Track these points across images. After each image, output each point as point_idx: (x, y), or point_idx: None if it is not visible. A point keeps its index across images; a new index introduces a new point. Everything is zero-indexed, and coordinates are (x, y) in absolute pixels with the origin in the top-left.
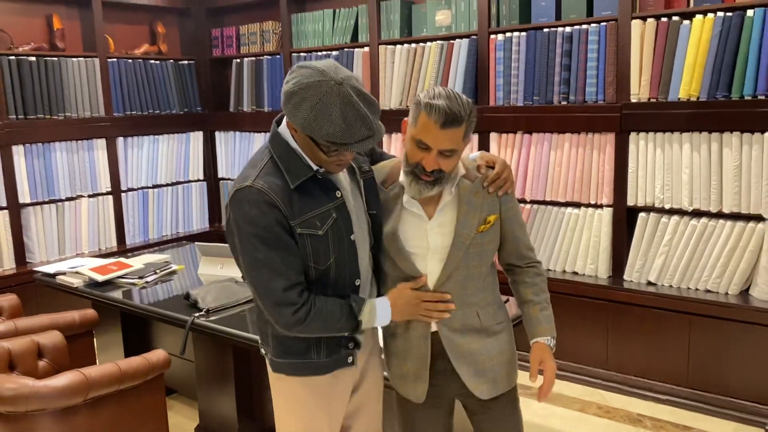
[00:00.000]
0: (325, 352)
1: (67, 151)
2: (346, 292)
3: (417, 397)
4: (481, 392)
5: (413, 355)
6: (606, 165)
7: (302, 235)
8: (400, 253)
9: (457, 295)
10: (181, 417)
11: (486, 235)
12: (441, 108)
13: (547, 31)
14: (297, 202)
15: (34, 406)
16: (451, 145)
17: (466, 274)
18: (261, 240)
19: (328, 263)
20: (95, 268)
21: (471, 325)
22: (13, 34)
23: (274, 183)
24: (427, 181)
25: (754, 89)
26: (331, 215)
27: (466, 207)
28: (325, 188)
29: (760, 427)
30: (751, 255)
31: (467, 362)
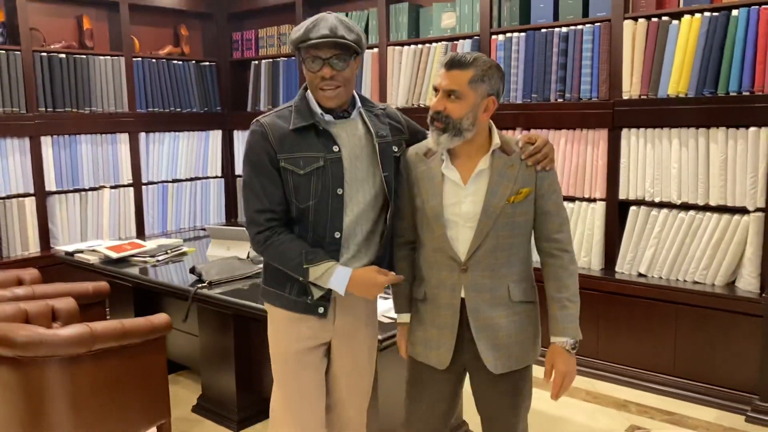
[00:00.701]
0: (295, 291)
1: (92, 144)
2: (326, 241)
3: (440, 362)
4: (494, 366)
5: (440, 322)
6: (599, 160)
7: (285, 170)
8: (438, 219)
9: (488, 265)
10: (186, 390)
11: (517, 207)
12: (451, 54)
13: (545, 31)
14: (290, 142)
15: (44, 352)
16: (453, 85)
17: (495, 243)
18: (251, 165)
19: (307, 204)
20: (111, 247)
21: (500, 297)
22: (46, 33)
23: (277, 123)
24: (437, 128)
25: (739, 86)
26: (318, 162)
27: (498, 177)
28: (324, 140)
29: (741, 414)
30: (737, 247)
31: (487, 335)
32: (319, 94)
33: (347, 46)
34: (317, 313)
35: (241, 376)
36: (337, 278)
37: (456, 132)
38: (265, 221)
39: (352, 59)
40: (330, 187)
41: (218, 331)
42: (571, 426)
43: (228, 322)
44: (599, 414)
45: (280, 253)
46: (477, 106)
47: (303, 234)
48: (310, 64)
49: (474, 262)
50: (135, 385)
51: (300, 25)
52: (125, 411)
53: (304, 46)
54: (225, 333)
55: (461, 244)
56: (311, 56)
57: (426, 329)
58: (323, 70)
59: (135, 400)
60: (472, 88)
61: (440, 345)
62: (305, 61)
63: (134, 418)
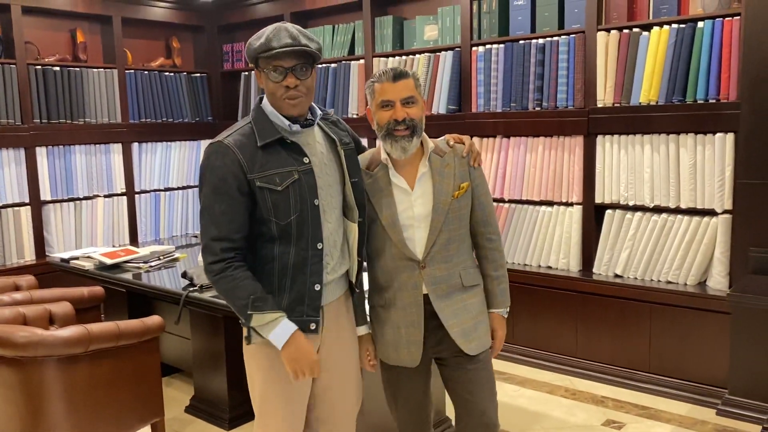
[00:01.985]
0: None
1: (85, 154)
2: (309, 254)
3: (413, 361)
4: (470, 348)
5: (407, 322)
6: (576, 166)
7: (262, 189)
8: (394, 225)
9: (443, 257)
10: (179, 392)
11: (461, 200)
12: (388, 69)
13: (523, 43)
14: (260, 159)
15: (42, 352)
16: (408, 92)
17: (448, 236)
18: (213, 188)
19: (288, 220)
20: (105, 254)
21: (455, 285)
22: (40, 46)
23: (242, 141)
24: (403, 135)
25: (706, 94)
26: (293, 175)
27: (439, 177)
28: (293, 153)
29: (712, 407)
30: (707, 247)
31: (455, 322)
32: (285, 103)
33: (309, 54)
34: (309, 330)
35: (232, 377)
36: (281, 331)
37: (420, 132)
38: (220, 251)
39: (312, 68)
40: (307, 200)
41: (210, 333)
42: (549, 421)
43: (219, 325)
44: (577, 409)
45: (229, 289)
46: (423, 109)
47: (286, 251)
48: (273, 75)
49: (430, 258)
50: (130, 384)
51: (258, 35)
52: (121, 409)
53: (265, 56)
54: (216, 335)
55: (417, 244)
56: (273, 66)
57: (394, 331)
58: (287, 79)
59: (130, 399)
60: (418, 92)
61: (410, 344)
62: (266, 72)
63: (129, 415)
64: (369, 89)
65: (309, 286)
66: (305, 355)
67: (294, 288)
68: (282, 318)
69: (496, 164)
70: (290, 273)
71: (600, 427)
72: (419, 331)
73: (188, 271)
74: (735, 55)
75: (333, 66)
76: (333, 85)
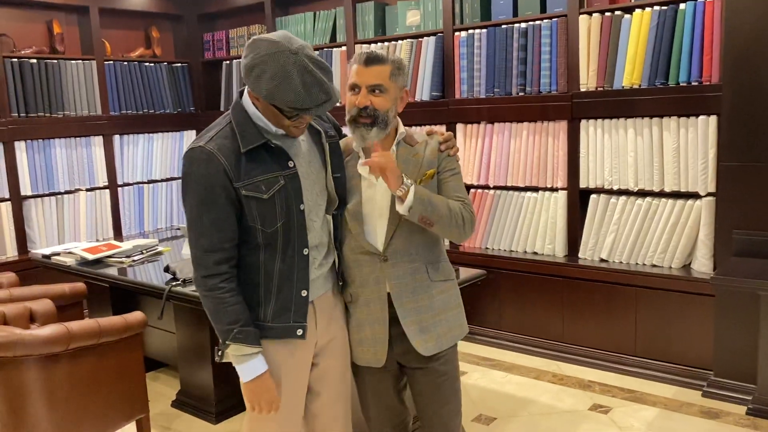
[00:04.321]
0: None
1: (66, 147)
2: (295, 261)
3: (378, 360)
4: (426, 349)
5: (371, 319)
6: (560, 151)
7: (248, 198)
8: (356, 216)
9: (406, 250)
10: (166, 386)
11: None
12: (364, 52)
13: (505, 27)
14: (245, 166)
15: (21, 351)
16: (377, 80)
17: (409, 228)
18: (199, 198)
19: (275, 227)
20: (87, 249)
21: (420, 279)
22: (16, 38)
23: (226, 146)
24: (364, 123)
25: (688, 76)
26: (279, 182)
27: (404, 165)
28: (277, 157)
29: (698, 389)
30: (691, 230)
31: (413, 319)
32: (291, 130)
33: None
34: (295, 335)
35: (218, 370)
36: (251, 368)
37: (383, 125)
38: (213, 264)
39: None
40: (293, 205)
41: (194, 327)
42: (537, 406)
43: (203, 318)
44: (564, 394)
45: (216, 310)
46: (396, 99)
47: (272, 258)
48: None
49: (392, 250)
50: (113, 382)
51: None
52: (104, 407)
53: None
54: (201, 329)
55: (378, 236)
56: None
57: (360, 330)
58: (305, 119)
59: (113, 396)
60: (393, 81)
61: (375, 342)
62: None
63: (113, 413)
64: (349, 68)
65: (296, 293)
66: (267, 392)
67: (280, 296)
68: (257, 355)
69: (480, 150)
70: (276, 281)
71: (587, 411)
72: (383, 328)
73: (171, 265)
74: (717, 37)
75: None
76: None
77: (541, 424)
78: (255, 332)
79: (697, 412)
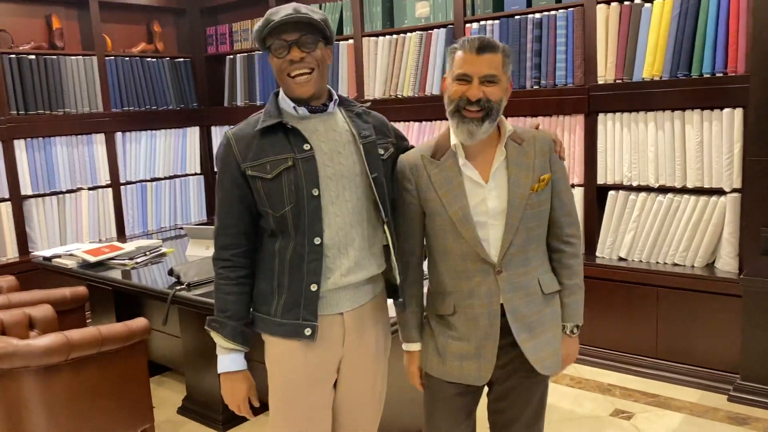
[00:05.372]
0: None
1: (67, 145)
2: (305, 250)
3: (481, 377)
4: (544, 367)
5: (480, 335)
6: (576, 146)
7: (254, 178)
8: (466, 221)
9: (521, 261)
10: (171, 391)
11: (541, 195)
12: (474, 38)
13: (519, 18)
14: (255, 147)
15: (19, 363)
16: (491, 69)
17: (526, 236)
18: (219, 180)
19: (283, 210)
20: (89, 251)
21: (533, 293)
22: (14, 34)
23: (243, 130)
24: (474, 117)
25: (713, 67)
26: (287, 162)
27: (517, 168)
28: (293, 139)
29: (724, 393)
30: (715, 228)
31: (528, 336)
32: (291, 82)
33: (313, 26)
34: (303, 335)
35: None
36: (223, 361)
37: (495, 117)
38: (219, 247)
39: (322, 43)
40: (304, 188)
41: (200, 331)
42: (557, 412)
43: None
44: (583, 399)
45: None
46: (506, 90)
47: (285, 246)
48: (277, 51)
49: (507, 261)
50: (115, 392)
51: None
52: (106, 418)
53: (267, 31)
54: (207, 333)
55: (492, 245)
56: (276, 43)
57: (461, 344)
58: (291, 53)
59: (116, 407)
60: (504, 71)
61: (480, 358)
62: (272, 51)
63: (116, 424)
64: (450, 55)
65: (306, 286)
66: (234, 393)
67: (291, 288)
68: (233, 352)
69: None
70: (287, 271)
71: (608, 417)
72: (493, 344)
73: (175, 268)
74: (743, 26)
75: None
76: None
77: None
78: (236, 328)
79: (723, 417)
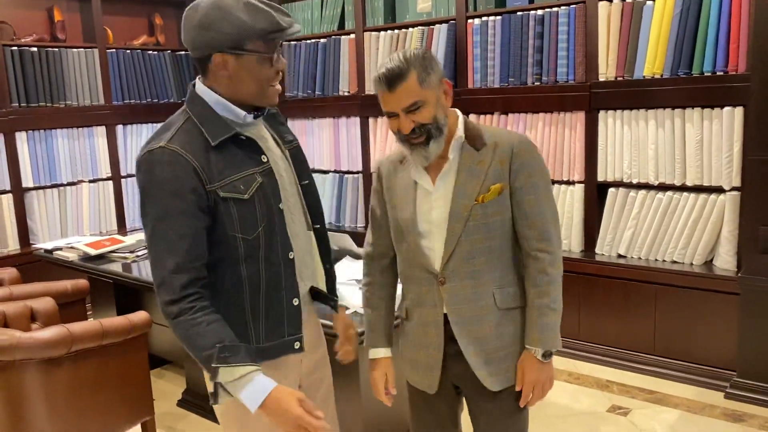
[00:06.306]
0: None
1: (68, 138)
2: (281, 269)
3: (430, 386)
4: (492, 383)
5: (425, 342)
6: (577, 143)
7: (226, 200)
8: (411, 230)
9: (467, 273)
10: (171, 384)
11: (488, 207)
12: (380, 75)
13: (521, 14)
14: (217, 165)
15: (21, 355)
16: (409, 99)
17: (469, 248)
18: (164, 209)
19: (256, 232)
20: (90, 244)
21: (485, 307)
22: (16, 26)
23: (191, 144)
24: (418, 143)
25: (713, 66)
26: (257, 179)
27: (466, 175)
28: (249, 151)
29: (720, 390)
30: (714, 226)
31: (476, 350)
32: (271, 91)
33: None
34: (293, 349)
35: None
36: (254, 390)
37: (438, 133)
38: (180, 287)
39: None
40: (273, 205)
41: None
42: (554, 408)
43: None
44: (581, 395)
45: (191, 336)
46: (439, 98)
47: (255, 270)
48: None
49: (450, 272)
50: (116, 384)
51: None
52: (107, 410)
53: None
54: None
55: (436, 254)
56: (272, 49)
57: (414, 350)
58: (281, 63)
59: (117, 399)
60: (425, 87)
61: (428, 367)
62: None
63: (117, 416)
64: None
65: (287, 303)
66: (289, 410)
67: (271, 311)
68: (256, 373)
69: None
70: (264, 295)
71: (605, 413)
72: (438, 353)
73: None
74: (744, 25)
75: (322, 41)
76: (323, 61)
77: (558, 427)
78: (245, 347)
79: (720, 414)
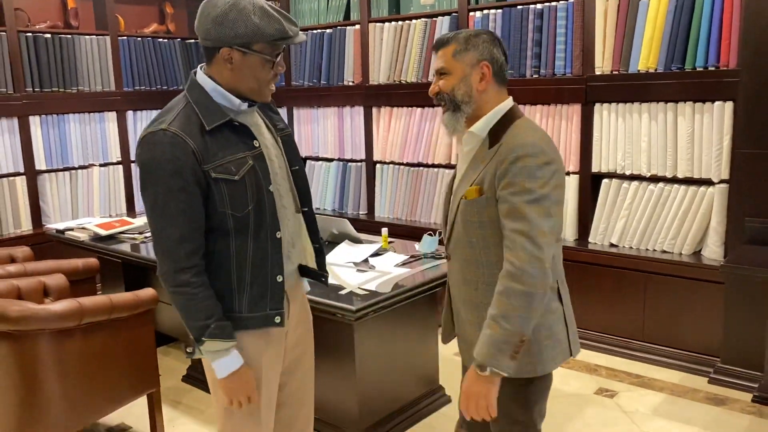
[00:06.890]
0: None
1: (80, 123)
2: (268, 245)
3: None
4: (464, 358)
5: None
6: (573, 134)
7: (217, 180)
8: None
9: (461, 256)
10: (177, 361)
11: (470, 205)
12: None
13: (521, 8)
14: (212, 147)
15: (35, 326)
16: (440, 63)
17: (458, 237)
18: (166, 187)
19: (245, 211)
20: (100, 224)
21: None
22: (30, 13)
23: (189, 127)
24: (443, 110)
25: (705, 61)
26: (248, 162)
27: (472, 166)
28: (242, 136)
29: (704, 376)
30: (703, 217)
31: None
32: (267, 90)
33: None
34: (273, 323)
35: None
36: (227, 363)
37: (455, 107)
38: (185, 256)
39: None
40: (263, 187)
41: None
42: None
43: None
44: (570, 378)
45: (188, 306)
46: (468, 76)
47: (243, 245)
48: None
49: (451, 250)
50: (124, 357)
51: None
52: (115, 381)
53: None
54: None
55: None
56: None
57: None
58: (281, 66)
59: (124, 371)
60: (458, 60)
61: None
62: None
63: (124, 387)
64: None
65: (271, 278)
66: (245, 385)
67: (255, 284)
68: (232, 348)
69: None
70: (249, 268)
71: (592, 395)
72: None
73: None
74: (736, 22)
75: (328, 32)
76: (329, 52)
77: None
78: (229, 325)
79: (702, 398)
